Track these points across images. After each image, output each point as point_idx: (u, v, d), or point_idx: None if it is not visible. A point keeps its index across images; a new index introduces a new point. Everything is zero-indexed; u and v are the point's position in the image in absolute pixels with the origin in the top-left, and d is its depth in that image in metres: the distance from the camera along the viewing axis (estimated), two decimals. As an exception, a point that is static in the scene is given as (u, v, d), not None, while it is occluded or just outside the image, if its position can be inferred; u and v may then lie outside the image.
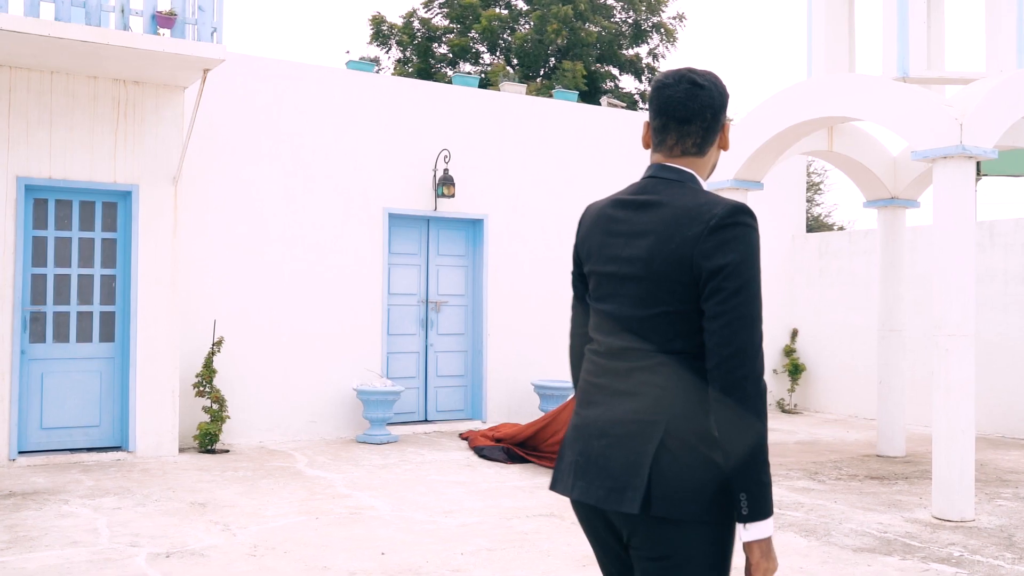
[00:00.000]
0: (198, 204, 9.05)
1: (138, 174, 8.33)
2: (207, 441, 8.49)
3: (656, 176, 2.16)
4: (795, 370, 12.58)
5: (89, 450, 8.17)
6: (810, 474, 7.91)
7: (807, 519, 6.20)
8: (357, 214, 9.92)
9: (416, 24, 19.42)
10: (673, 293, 2.03)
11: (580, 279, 2.30)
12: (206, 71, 7.78)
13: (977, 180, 14.42)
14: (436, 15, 20.02)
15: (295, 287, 9.56)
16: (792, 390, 12.65)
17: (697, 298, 2.02)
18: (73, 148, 8.09)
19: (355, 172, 9.92)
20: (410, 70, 19.26)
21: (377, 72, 19.61)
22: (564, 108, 11.49)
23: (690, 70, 2.17)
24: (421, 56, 19.32)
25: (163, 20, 7.25)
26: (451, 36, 19.57)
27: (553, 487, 2.23)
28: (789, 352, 12.77)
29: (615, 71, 20.22)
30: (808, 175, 23.66)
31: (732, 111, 22.39)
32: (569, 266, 8.59)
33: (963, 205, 6.28)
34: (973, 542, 5.63)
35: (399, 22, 19.44)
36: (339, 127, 9.87)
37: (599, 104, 14.95)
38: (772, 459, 8.59)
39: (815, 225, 22.93)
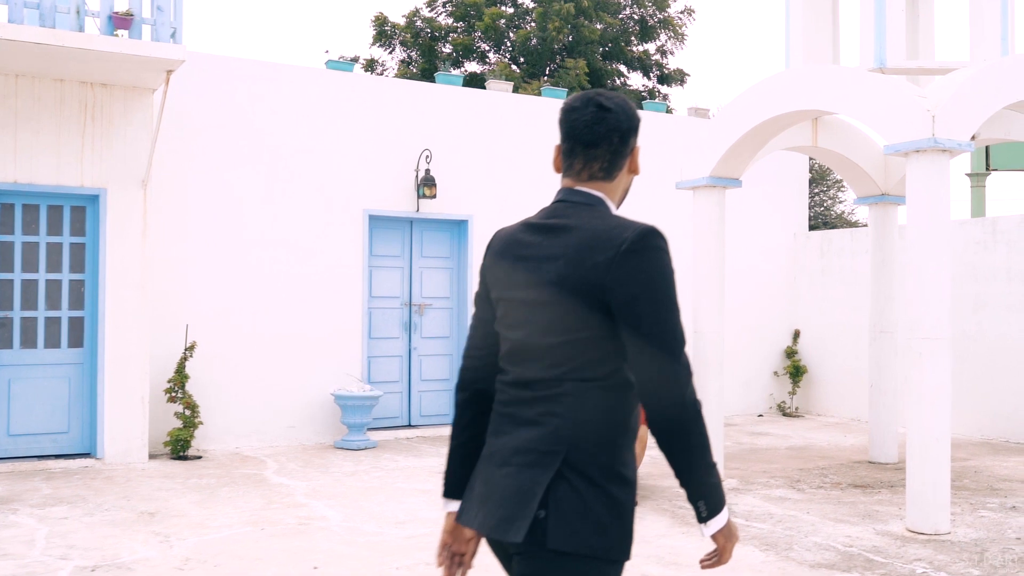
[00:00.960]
0: (174, 207, 8.94)
1: (106, 177, 8.22)
2: (178, 447, 8.37)
3: (565, 200, 2.12)
4: (796, 372, 12.23)
5: (57, 457, 8.07)
6: (791, 482, 7.61)
7: (772, 532, 5.92)
8: (337, 216, 9.76)
9: (419, 23, 19.24)
10: (585, 320, 1.98)
11: (486, 300, 2.22)
12: (169, 72, 7.64)
13: (986, 175, 13.92)
14: (440, 14, 19.83)
15: (274, 290, 9.42)
16: (793, 393, 12.29)
17: (609, 324, 1.97)
18: (39, 152, 7.99)
19: (335, 173, 9.76)
20: (414, 70, 19.08)
21: (381, 73, 19.52)
22: (552, 105, 11.25)
23: (598, 93, 2.15)
24: (425, 56, 19.13)
25: (120, 21, 7.12)
26: (455, 35, 19.37)
27: (459, 519, 2.19)
28: (791, 354, 12.42)
29: (623, 68, 19.90)
30: (832, 170, 23.11)
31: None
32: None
33: (937, 201, 5.97)
34: (941, 557, 5.33)
35: (402, 22, 19.27)
36: (318, 128, 9.71)
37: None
38: (759, 466, 8.32)
39: (837, 222, 22.41)
